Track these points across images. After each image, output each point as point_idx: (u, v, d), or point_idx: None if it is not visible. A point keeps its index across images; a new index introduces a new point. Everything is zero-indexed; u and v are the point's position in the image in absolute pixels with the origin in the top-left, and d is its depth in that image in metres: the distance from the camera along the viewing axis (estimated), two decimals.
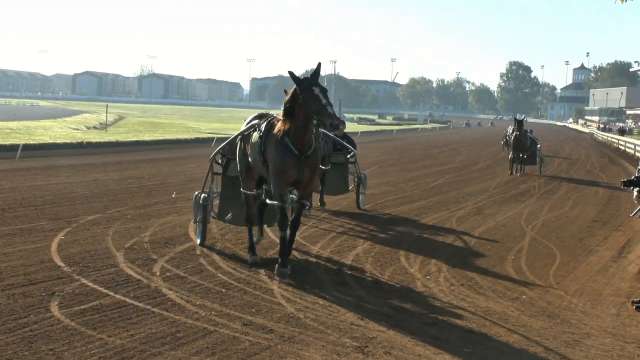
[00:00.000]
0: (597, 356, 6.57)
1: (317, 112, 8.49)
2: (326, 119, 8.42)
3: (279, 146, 8.88)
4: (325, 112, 8.45)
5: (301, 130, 8.77)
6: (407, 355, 6.28)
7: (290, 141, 8.81)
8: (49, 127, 43.97)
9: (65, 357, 5.80)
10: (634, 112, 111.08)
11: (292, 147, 8.80)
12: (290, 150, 8.81)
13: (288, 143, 8.81)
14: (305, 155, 8.84)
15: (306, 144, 8.85)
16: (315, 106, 8.52)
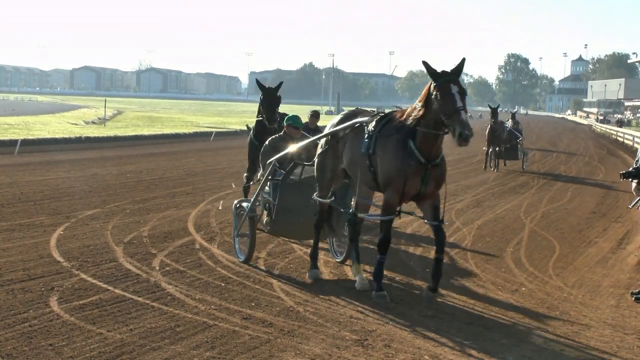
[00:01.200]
0: (597, 347, 6.57)
1: (448, 115, 7.11)
2: (457, 124, 7.03)
3: (399, 150, 7.50)
4: (458, 116, 7.07)
5: (431, 134, 7.40)
6: (406, 347, 6.29)
7: (415, 146, 7.45)
8: (47, 122, 43.94)
9: (64, 352, 5.80)
10: (632, 104, 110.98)
11: (418, 154, 7.44)
12: (415, 157, 7.45)
13: (412, 148, 7.45)
14: (432, 164, 7.52)
15: (435, 150, 7.50)
16: (448, 107, 7.12)
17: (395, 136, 7.57)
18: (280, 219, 9.01)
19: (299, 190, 8.98)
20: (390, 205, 7.73)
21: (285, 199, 8.94)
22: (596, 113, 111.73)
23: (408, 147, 7.45)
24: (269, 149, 9.67)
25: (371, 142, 7.80)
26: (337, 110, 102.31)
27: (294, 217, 9.00)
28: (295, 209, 8.96)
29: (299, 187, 9.01)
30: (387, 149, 7.63)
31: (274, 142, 9.78)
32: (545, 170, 25.27)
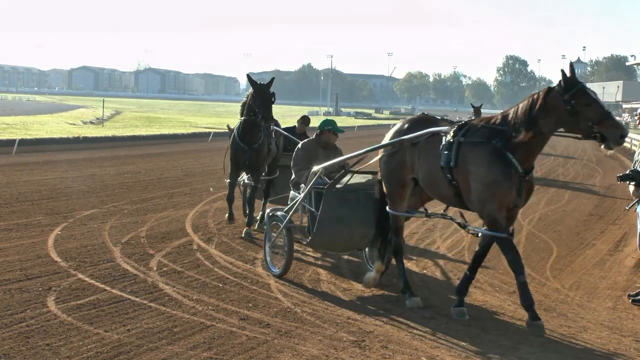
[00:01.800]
0: (595, 349, 6.57)
1: (598, 122, 6.60)
2: (611, 130, 6.59)
3: (496, 160, 6.95)
4: (611, 122, 6.65)
5: (537, 144, 6.99)
6: (404, 349, 6.29)
7: (515, 156, 6.91)
8: (45, 122, 43.90)
9: (61, 352, 5.80)
10: (630, 106, 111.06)
11: (517, 164, 6.93)
12: (515, 168, 6.93)
13: (511, 158, 6.91)
14: (528, 174, 7.07)
15: (533, 160, 7.11)
16: (596, 114, 6.62)
17: (488, 145, 7.01)
18: (324, 231, 8.35)
19: (344, 200, 8.40)
20: (497, 221, 7.05)
21: (329, 209, 8.29)
22: None
23: (506, 157, 6.91)
24: (302, 153, 9.16)
25: (451, 153, 7.16)
26: (335, 112, 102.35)
27: (337, 229, 8.38)
28: (339, 220, 8.33)
29: (344, 196, 8.42)
30: (479, 160, 7.01)
31: (307, 147, 9.25)
32: (542, 172, 25.27)
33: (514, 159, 6.90)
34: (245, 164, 11.13)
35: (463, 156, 7.11)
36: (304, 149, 9.23)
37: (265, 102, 10.57)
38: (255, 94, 10.70)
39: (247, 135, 10.96)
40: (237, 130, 11.13)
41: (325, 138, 9.26)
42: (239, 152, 11.04)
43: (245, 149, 10.96)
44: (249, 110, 10.76)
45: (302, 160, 9.07)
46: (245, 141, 10.96)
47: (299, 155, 9.20)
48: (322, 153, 9.08)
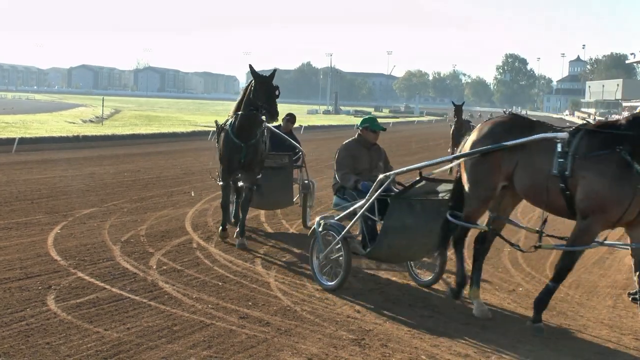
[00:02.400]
0: (594, 347, 6.58)
1: None
2: None
3: (620, 173, 6.39)
4: None
5: None
6: (403, 347, 6.29)
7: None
8: (45, 121, 43.85)
9: (61, 350, 5.80)
10: (630, 104, 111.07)
11: None
12: None
13: (638, 168, 6.32)
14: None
15: None
16: None
17: (611, 155, 6.41)
18: (387, 242, 7.81)
19: (412, 208, 7.80)
20: (591, 233, 6.71)
21: (396, 218, 7.71)
22: (594, 113, 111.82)
23: (632, 169, 6.29)
24: (345, 155, 8.57)
25: (567, 161, 6.61)
26: (334, 110, 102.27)
27: (402, 239, 7.86)
28: (405, 230, 7.79)
29: (413, 205, 7.82)
30: (599, 172, 6.46)
31: (350, 148, 8.65)
32: None
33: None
34: (241, 163, 10.20)
35: (581, 165, 6.55)
36: (347, 151, 8.62)
37: (270, 95, 9.70)
38: (257, 86, 9.80)
39: (244, 131, 10.05)
40: (232, 126, 10.18)
41: (366, 136, 8.71)
42: (233, 149, 10.13)
43: (240, 146, 10.06)
44: (249, 104, 9.85)
45: (346, 163, 8.50)
46: (241, 137, 10.05)
47: (342, 157, 8.56)
48: (365, 154, 8.62)
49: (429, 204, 7.95)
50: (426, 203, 7.94)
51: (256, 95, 9.74)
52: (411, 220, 7.76)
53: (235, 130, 10.11)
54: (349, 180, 8.43)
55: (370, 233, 8.02)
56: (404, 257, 8.41)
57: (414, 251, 8.21)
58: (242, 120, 10.03)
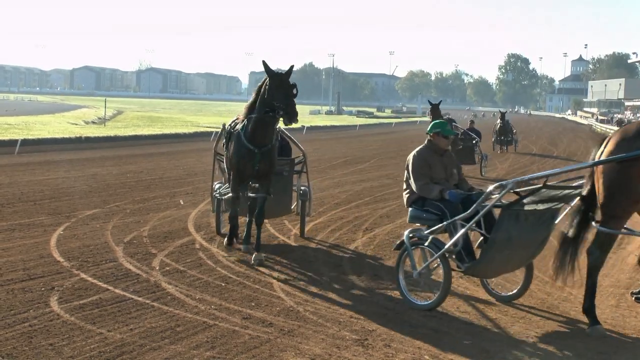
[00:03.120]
0: (597, 347, 6.57)
1: None
2: None
3: None
4: None
5: None
6: (406, 347, 6.29)
7: None
8: (47, 122, 43.93)
9: (64, 351, 5.80)
10: (632, 104, 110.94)
11: None
12: None
13: None
14: None
15: None
16: None
17: None
18: (491, 256, 7.21)
19: (525, 219, 7.20)
20: None
21: (506, 230, 7.08)
22: (596, 113, 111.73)
23: None
24: (421, 164, 7.88)
25: None
26: (337, 111, 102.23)
27: (504, 253, 7.31)
28: (512, 242, 7.20)
29: (526, 215, 7.19)
30: None
31: (423, 156, 7.94)
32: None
33: None
34: (255, 171, 9.26)
35: None
36: (421, 159, 7.92)
37: (287, 94, 8.75)
38: (272, 84, 8.85)
39: (258, 135, 9.13)
40: (244, 130, 9.25)
41: (437, 142, 8.06)
42: (246, 156, 9.18)
43: (254, 152, 9.12)
44: (264, 106, 8.94)
45: (424, 173, 7.84)
46: (255, 142, 9.13)
47: (418, 166, 7.88)
48: (438, 161, 7.97)
49: (536, 213, 7.33)
50: (535, 213, 7.31)
51: (272, 94, 8.81)
52: (516, 232, 7.16)
53: (249, 135, 9.17)
54: (431, 190, 7.74)
55: (467, 247, 7.46)
56: (500, 271, 7.85)
57: (512, 264, 7.72)
58: (257, 123, 9.09)
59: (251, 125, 9.16)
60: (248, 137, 9.17)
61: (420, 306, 7.46)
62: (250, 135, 9.16)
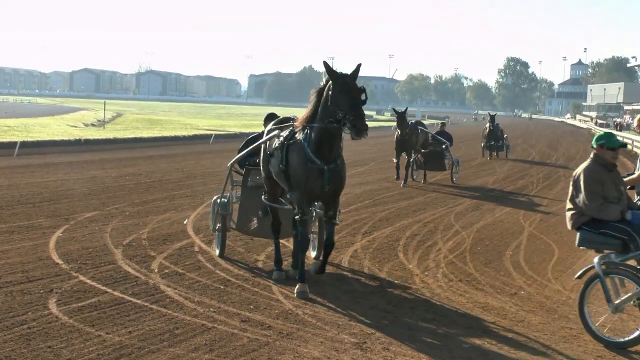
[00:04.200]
0: (595, 351, 6.57)
1: None
2: None
3: None
4: None
5: None
6: (405, 351, 6.29)
7: None
8: (46, 125, 43.94)
9: (63, 354, 5.80)
10: (631, 108, 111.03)
11: None
12: None
13: None
14: None
15: None
16: None
17: None
18: None
19: None
20: None
21: None
22: (595, 117, 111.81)
23: None
24: (595, 182, 7.12)
25: None
26: None
27: None
28: None
29: None
30: None
31: (595, 173, 7.16)
32: (544, 174, 25.25)
33: None
34: (324, 191, 7.87)
35: None
36: (593, 176, 7.13)
37: (355, 103, 7.43)
38: (337, 90, 7.49)
39: (324, 148, 7.76)
40: (308, 142, 7.83)
41: (604, 157, 7.22)
42: (313, 173, 7.77)
43: (322, 169, 7.75)
44: (327, 115, 7.61)
45: (596, 191, 7.07)
46: (322, 157, 7.75)
47: (592, 185, 7.10)
48: (609, 178, 7.18)
49: None
50: None
51: (337, 102, 7.47)
52: None
53: (313, 147, 7.80)
54: (611, 211, 7.01)
55: None
56: None
57: None
58: (322, 135, 7.73)
59: (315, 135, 7.78)
60: (313, 149, 7.80)
61: (612, 343, 6.73)
62: (316, 148, 7.79)
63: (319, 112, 7.76)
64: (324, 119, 7.67)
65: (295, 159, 7.98)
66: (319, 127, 7.72)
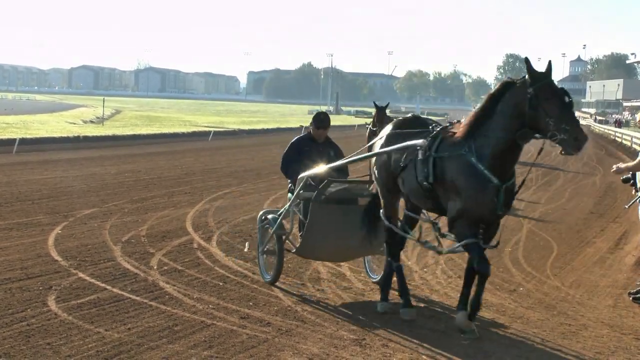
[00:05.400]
0: (594, 347, 6.58)
1: None
2: None
3: None
4: None
5: None
6: (404, 347, 6.29)
7: None
8: (45, 122, 43.92)
9: (62, 351, 5.80)
10: (630, 104, 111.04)
11: None
12: None
13: None
14: None
15: None
16: None
17: None
18: None
19: None
20: None
21: None
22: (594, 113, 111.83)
23: None
24: None
25: None
26: (335, 111, 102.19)
27: None
28: None
29: None
30: None
31: None
32: (543, 171, 25.25)
33: None
34: (495, 214, 6.58)
35: None
36: None
37: (569, 109, 6.18)
38: (546, 94, 6.14)
39: (506, 164, 6.44)
40: (478, 156, 6.41)
41: None
42: (487, 191, 6.41)
43: (498, 187, 6.39)
44: (520, 125, 6.26)
45: None
46: (500, 173, 6.39)
47: None
48: None
49: None
50: None
51: (547, 111, 6.11)
52: None
53: (489, 162, 6.39)
54: None
55: None
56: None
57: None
58: (504, 147, 6.37)
59: (494, 148, 6.38)
60: (489, 164, 6.38)
61: None
62: (493, 163, 6.38)
63: (496, 120, 6.37)
64: (513, 126, 6.28)
65: (459, 175, 6.51)
66: (504, 139, 6.31)
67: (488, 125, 6.44)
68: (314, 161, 8.19)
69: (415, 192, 7.02)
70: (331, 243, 7.91)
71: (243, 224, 11.76)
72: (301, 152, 8.51)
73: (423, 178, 6.76)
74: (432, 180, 6.71)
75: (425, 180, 6.75)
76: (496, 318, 7.33)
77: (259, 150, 30.28)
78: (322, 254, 8.22)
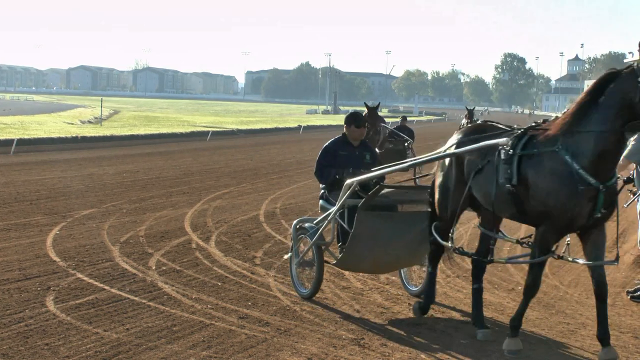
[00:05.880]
0: (593, 346, 6.58)
1: None
2: None
3: None
4: None
5: None
6: (403, 346, 6.29)
7: None
8: (43, 122, 43.89)
9: (60, 351, 5.79)
10: None
11: None
12: None
13: None
14: None
15: None
16: None
17: None
18: None
19: None
20: None
21: None
22: None
23: None
24: None
25: None
26: (333, 110, 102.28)
27: None
28: None
29: None
30: None
31: None
32: None
33: None
34: (593, 219, 6.08)
35: None
36: None
37: None
38: None
39: (607, 162, 5.87)
40: (572, 154, 5.79)
41: None
42: (582, 194, 5.83)
43: (597, 188, 5.83)
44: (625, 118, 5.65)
45: None
46: (600, 174, 5.81)
47: None
48: None
49: None
50: None
51: None
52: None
53: (587, 162, 5.77)
54: None
55: None
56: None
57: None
58: (606, 143, 5.74)
59: (596, 144, 5.74)
60: (586, 163, 5.76)
61: None
62: (591, 161, 5.77)
63: (598, 114, 5.73)
64: (613, 121, 5.68)
65: (548, 175, 5.90)
66: (608, 132, 5.68)
67: (588, 119, 5.77)
68: (353, 166, 7.84)
69: (494, 198, 6.25)
70: (377, 254, 7.41)
71: (242, 224, 11.76)
72: (336, 156, 8.08)
73: (506, 180, 6.08)
74: (515, 182, 6.03)
75: (509, 182, 6.06)
76: (495, 317, 7.34)
77: (257, 150, 30.27)
78: (366, 265, 7.70)
